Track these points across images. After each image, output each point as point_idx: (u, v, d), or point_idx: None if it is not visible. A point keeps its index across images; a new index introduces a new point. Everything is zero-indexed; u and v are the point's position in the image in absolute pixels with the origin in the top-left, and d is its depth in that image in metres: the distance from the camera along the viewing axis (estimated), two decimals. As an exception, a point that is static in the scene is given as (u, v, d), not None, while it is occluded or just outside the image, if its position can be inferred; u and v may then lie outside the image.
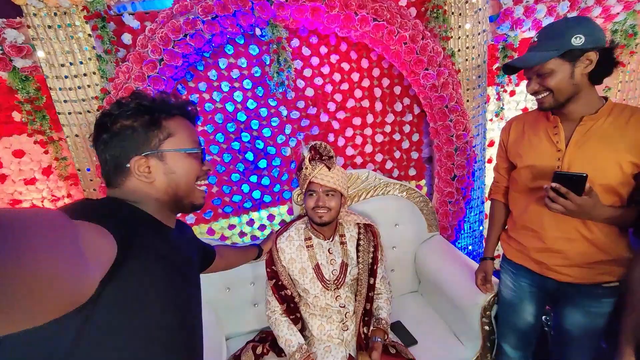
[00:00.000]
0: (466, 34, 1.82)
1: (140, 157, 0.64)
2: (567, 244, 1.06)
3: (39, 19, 1.44)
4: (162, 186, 0.67)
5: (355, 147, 2.06)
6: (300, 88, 1.88)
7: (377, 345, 1.29)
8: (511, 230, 1.25)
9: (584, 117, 0.99)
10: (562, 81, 0.95)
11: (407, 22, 1.62)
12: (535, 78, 0.99)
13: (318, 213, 1.27)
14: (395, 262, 1.74)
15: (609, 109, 0.99)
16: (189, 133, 0.70)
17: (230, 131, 1.87)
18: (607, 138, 0.97)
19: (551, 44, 0.94)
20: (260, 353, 1.42)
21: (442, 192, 1.94)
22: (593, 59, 0.93)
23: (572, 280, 1.08)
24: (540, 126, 1.11)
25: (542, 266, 1.13)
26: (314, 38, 1.82)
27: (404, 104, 2.02)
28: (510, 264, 1.27)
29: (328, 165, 1.27)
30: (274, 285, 1.35)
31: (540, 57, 0.95)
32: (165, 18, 1.48)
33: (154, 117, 0.66)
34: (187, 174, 0.68)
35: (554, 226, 1.07)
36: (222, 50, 1.74)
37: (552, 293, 1.18)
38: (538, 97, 1.01)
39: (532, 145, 1.11)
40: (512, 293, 1.27)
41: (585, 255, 1.04)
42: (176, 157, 0.67)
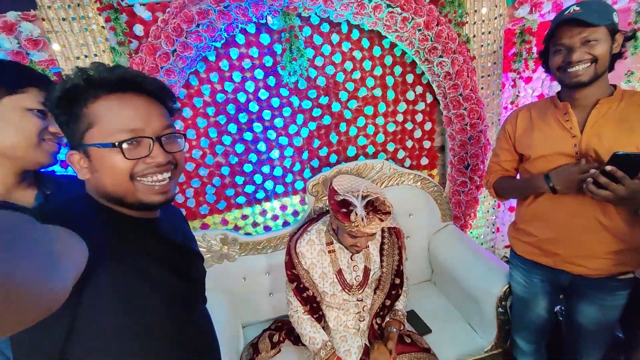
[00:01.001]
0: (482, 18, 1.77)
1: (72, 152, 0.57)
2: (584, 234, 1.03)
3: (53, 12, 1.44)
4: (94, 185, 0.59)
5: (367, 137, 2.04)
6: (312, 77, 1.86)
7: (393, 335, 1.31)
8: (520, 222, 1.21)
9: (601, 100, 0.98)
10: (606, 52, 0.93)
11: (421, 7, 1.58)
12: (580, 47, 0.93)
13: (354, 249, 1.25)
14: (409, 251, 1.73)
15: (620, 94, 0.98)
16: (116, 118, 0.56)
17: (242, 122, 1.87)
18: (625, 121, 0.95)
19: (598, 14, 0.91)
20: (277, 341, 1.45)
21: (455, 182, 1.93)
22: (620, 41, 0.94)
23: (587, 273, 1.06)
24: (549, 114, 1.08)
25: (556, 258, 1.11)
26: (325, 25, 1.79)
27: (417, 92, 1.99)
28: (520, 260, 1.25)
29: (382, 219, 1.14)
30: (296, 288, 1.33)
31: (599, 19, 0.90)
32: (177, 8, 1.47)
33: (70, 106, 0.55)
34: (112, 172, 0.56)
35: (570, 215, 1.04)
36: (233, 40, 1.73)
37: (565, 287, 1.16)
38: (576, 69, 0.95)
39: (544, 135, 1.08)
40: (524, 289, 1.26)
41: (604, 245, 1.02)
42: (98, 153, 0.55)
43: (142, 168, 0.57)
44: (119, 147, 0.54)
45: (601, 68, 0.95)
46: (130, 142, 0.55)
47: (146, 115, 0.58)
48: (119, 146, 0.54)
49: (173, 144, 0.62)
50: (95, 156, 0.56)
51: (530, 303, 1.26)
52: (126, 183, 0.57)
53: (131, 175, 0.56)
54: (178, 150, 0.63)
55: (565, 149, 1.03)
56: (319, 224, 1.39)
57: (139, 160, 0.57)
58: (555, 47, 0.99)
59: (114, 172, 0.56)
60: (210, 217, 2.00)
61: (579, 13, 0.91)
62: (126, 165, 0.55)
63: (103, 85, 0.55)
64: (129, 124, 0.56)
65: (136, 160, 0.56)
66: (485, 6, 1.75)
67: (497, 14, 1.78)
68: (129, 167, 0.56)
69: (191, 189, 1.90)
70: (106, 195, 0.58)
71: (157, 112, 0.60)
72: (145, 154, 0.57)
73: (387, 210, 1.15)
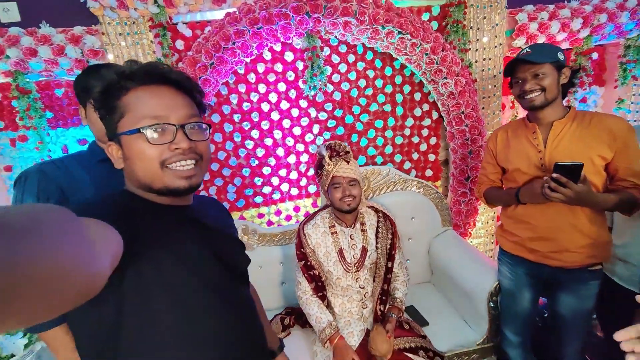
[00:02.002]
0: (483, 46, 1.98)
1: (110, 143, 0.62)
2: (558, 232, 1.23)
3: (112, 27, 1.69)
4: (127, 173, 0.63)
5: (376, 148, 2.23)
6: (329, 92, 2.07)
7: (392, 320, 1.45)
8: (506, 225, 1.41)
9: (554, 122, 1.21)
10: (552, 83, 1.16)
11: (429, 35, 1.80)
12: (530, 79, 1.18)
13: (346, 201, 1.45)
14: (410, 252, 1.89)
15: (573, 115, 1.21)
16: (143, 107, 0.59)
17: (264, 128, 2.08)
18: (576, 138, 1.18)
19: (544, 54, 1.15)
20: (287, 324, 1.60)
21: (456, 192, 2.09)
22: (567, 75, 1.18)
23: (564, 265, 1.24)
24: (521, 133, 1.31)
25: (537, 254, 1.29)
26: (343, 47, 2.02)
27: (424, 109, 2.19)
28: (507, 255, 1.43)
29: (346, 159, 1.45)
30: (304, 265, 1.51)
31: (544, 58, 1.14)
32: (217, 28, 1.71)
33: (105, 100, 0.60)
34: (140, 159, 0.59)
35: (545, 217, 1.24)
36: (261, 56, 1.96)
37: (546, 280, 1.33)
38: (530, 96, 1.19)
39: (518, 150, 1.30)
40: (510, 282, 1.43)
41: (573, 240, 1.21)
42: (127, 140, 0.59)
43: (169, 155, 0.60)
44: (142, 132, 0.58)
45: (551, 95, 1.17)
46: (155, 128, 0.58)
47: (171, 104, 0.61)
48: (142, 131, 0.58)
49: (197, 133, 0.64)
50: (126, 144, 0.60)
51: (516, 295, 1.41)
52: (155, 169, 0.59)
53: (161, 162, 0.60)
54: (202, 140, 0.65)
55: (534, 162, 1.25)
56: (324, 212, 1.59)
57: (165, 147, 0.59)
58: (514, 79, 1.24)
59: (142, 157, 0.59)
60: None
61: (529, 54, 1.16)
62: (153, 151, 0.59)
63: (133, 79, 0.59)
64: (153, 111, 0.59)
65: (162, 147, 0.59)
66: (486, 36, 1.96)
67: (497, 43, 1.99)
68: (156, 154, 0.59)
69: (214, 187, 2.10)
70: (137, 182, 0.62)
71: (182, 102, 0.63)
72: (169, 140, 0.60)
73: (346, 149, 1.46)
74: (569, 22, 1.98)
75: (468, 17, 1.94)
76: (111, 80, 0.59)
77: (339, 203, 1.46)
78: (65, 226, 0.33)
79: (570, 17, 1.98)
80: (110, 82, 0.59)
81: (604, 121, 1.16)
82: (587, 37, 2.05)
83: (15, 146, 1.92)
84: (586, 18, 1.97)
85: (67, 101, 1.90)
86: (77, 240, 0.34)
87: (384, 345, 1.34)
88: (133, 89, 0.59)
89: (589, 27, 2.01)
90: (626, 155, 1.13)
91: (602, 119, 1.18)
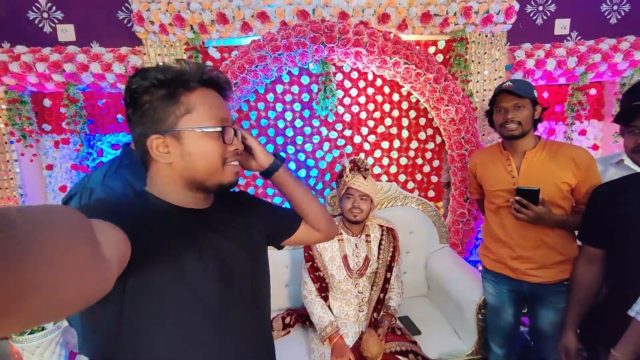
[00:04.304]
0: (484, 78, 2.15)
1: (158, 136, 0.60)
2: (533, 251, 1.35)
3: (153, 49, 1.95)
4: (179, 169, 0.62)
5: (382, 167, 2.39)
6: (340, 113, 2.27)
7: (384, 325, 1.56)
8: (488, 243, 1.53)
9: (527, 152, 1.36)
10: (528, 117, 1.32)
11: (432, 66, 1.99)
12: (512, 110, 1.32)
13: (353, 212, 1.59)
14: (408, 265, 2.00)
15: (542, 145, 1.36)
16: (211, 108, 0.62)
17: (279, 143, 2.27)
18: (545, 166, 1.32)
19: (524, 90, 1.29)
20: (288, 323, 1.72)
21: (456, 212, 2.21)
22: (539, 111, 1.35)
23: (541, 281, 1.35)
24: (497, 159, 1.45)
25: (517, 272, 1.40)
26: (354, 73, 2.22)
27: (428, 133, 2.35)
28: (490, 273, 1.53)
29: (364, 175, 1.61)
30: (311, 267, 1.64)
31: (526, 93, 1.29)
32: (243, 53, 1.94)
33: (171, 92, 0.60)
34: (205, 156, 0.62)
35: (521, 237, 1.37)
36: (280, 78, 2.18)
37: (527, 296, 1.43)
38: (510, 126, 1.32)
39: (494, 175, 1.45)
40: (494, 298, 1.52)
41: (547, 257, 1.33)
42: (194, 137, 0.61)
43: (229, 154, 0.65)
44: (222, 131, 0.63)
45: (526, 127, 1.32)
46: (223, 129, 0.63)
47: (227, 109, 0.67)
48: (223, 130, 0.63)
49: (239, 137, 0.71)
50: (192, 140, 0.60)
51: (499, 310, 1.50)
52: (218, 165, 0.63)
53: (224, 160, 0.64)
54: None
55: (507, 186, 1.38)
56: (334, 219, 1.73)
57: (226, 147, 0.64)
58: (497, 108, 1.38)
59: (208, 155, 0.62)
60: (241, 220, 2.34)
61: (513, 87, 1.29)
62: (220, 149, 0.63)
63: (198, 79, 0.62)
64: (220, 113, 0.63)
65: (226, 146, 0.64)
66: (487, 69, 2.14)
67: (497, 76, 2.16)
68: (222, 151, 0.63)
69: (230, 194, 2.28)
70: (188, 178, 0.63)
71: (229, 108, 0.69)
72: (230, 141, 0.65)
73: (366, 167, 1.61)
74: (565, 60, 2.14)
75: (470, 51, 2.13)
76: (181, 72, 0.60)
77: (347, 212, 1.61)
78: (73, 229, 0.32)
79: (566, 56, 2.14)
80: (179, 73, 0.60)
81: (568, 151, 1.31)
82: (583, 75, 2.20)
83: (58, 147, 2.16)
84: (581, 57, 2.12)
85: (106, 110, 2.15)
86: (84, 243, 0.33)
87: (375, 347, 1.44)
88: (198, 88, 0.62)
89: (584, 65, 2.16)
90: (588, 181, 1.27)
91: (567, 149, 1.32)
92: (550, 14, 2.38)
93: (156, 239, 0.56)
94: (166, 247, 0.58)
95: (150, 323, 0.56)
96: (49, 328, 1.48)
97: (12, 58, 1.85)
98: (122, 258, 0.46)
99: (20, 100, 1.98)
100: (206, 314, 0.61)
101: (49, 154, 2.18)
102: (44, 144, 2.17)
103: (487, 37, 2.12)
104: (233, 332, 0.66)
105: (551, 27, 2.38)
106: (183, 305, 0.59)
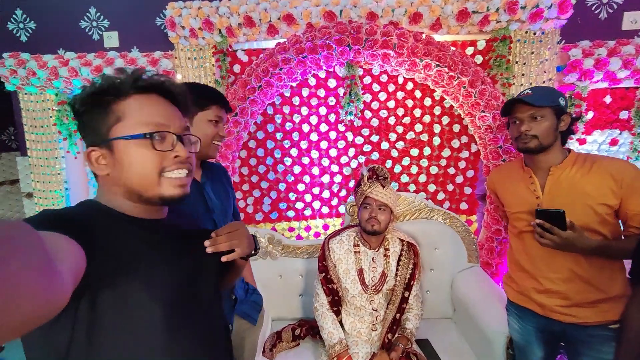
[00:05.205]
0: (530, 82, 1.92)
1: (93, 149, 0.59)
2: (564, 284, 1.13)
3: (183, 53, 2.01)
4: (116, 180, 0.60)
5: (410, 176, 2.25)
6: (367, 118, 2.17)
7: (398, 349, 1.44)
8: (512, 272, 1.33)
9: (552, 168, 1.14)
10: (549, 128, 1.12)
11: (467, 68, 1.81)
12: (528, 121, 1.13)
13: (371, 222, 1.49)
14: (431, 284, 1.85)
15: (573, 159, 1.13)
16: (142, 114, 0.58)
17: (303, 148, 2.23)
18: (575, 184, 1.10)
19: (545, 97, 1.11)
20: (298, 334, 1.67)
21: (490, 229, 2.00)
22: (567, 122, 1.14)
23: (577, 321, 1.12)
24: (518, 177, 1.26)
25: (545, 308, 1.19)
26: (384, 76, 2.11)
27: (462, 141, 2.16)
28: (514, 306, 1.33)
29: (383, 184, 1.50)
30: (324, 278, 1.57)
31: (544, 101, 1.10)
32: (267, 56, 1.93)
33: (101, 101, 0.58)
34: (137, 165, 0.58)
35: (547, 267, 1.16)
36: (306, 81, 2.14)
37: (562, 337, 1.21)
38: (524, 139, 1.14)
39: (515, 194, 1.26)
40: (519, 336, 1.32)
41: (583, 294, 1.10)
42: (123, 146, 0.57)
43: (168, 163, 0.60)
44: (150, 137, 0.57)
45: (545, 141, 1.12)
46: (157, 136, 0.58)
47: (170, 114, 0.62)
48: (150, 137, 0.57)
49: (190, 145, 0.67)
50: (122, 149, 0.57)
51: (526, 351, 1.29)
52: (153, 176, 0.59)
53: (160, 170, 0.59)
54: (195, 152, 0.67)
55: (529, 208, 1.19)
56: (351, 230, 1.65)
57: (165, 155, 0.59)
58: (512, 119, 1.20)
59: (141, 164, 0.58)
60: (262, 224, 2.34)
61: (530, 96, 1.11)
62: (154, 157, 0.58)
63: (134, 86, 0.59)
64: (156, 119, 0.59)
65: (162, 155, 0.59)
66: (533, 71, 1.91)
67: (546, 78, 1.92)
68: (156, 161, 0.58)
69: (252, 197, 2.28)
70: (124, 189, 0.60)
71: (178, 114, 0.64)
72: (169, 148, 0.60)
73: (385, 175, 1.50)
74: (634, 59, 1.84)
75: (513, 51, 1.91)
76: (111, 84, 0.58)
77: (365, 223, 1.51)
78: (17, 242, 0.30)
79: (635, 54, 1.84)
80: (109, 85, 0.58)
81: (606, 167, 1.08)
82: (655, 76, 1.88)
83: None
84: (653, 57, 1.81)
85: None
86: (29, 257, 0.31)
87: (385, 371, 1.33)
88: (133, 95, 0.59)
89: (655, 66, 1.84)
90: (636, 200, 1.04)
91: (603, 163, 1.10)
92: (617, 7, 2.07)
93: (111, 249, 0.55)
94: (127, 261, 0.56)
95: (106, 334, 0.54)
96: None
97: (62, 63, 2.01)
98: (77, 271, 0.45)
99: (68, 102, 2.15)
100: (163, 322, 0.59)
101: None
102: (88, 143, 2.34)
103: (535, 35, 1.89)
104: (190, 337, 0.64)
105: (618, 22, 2.08)
106: (139, 315, 0.57)
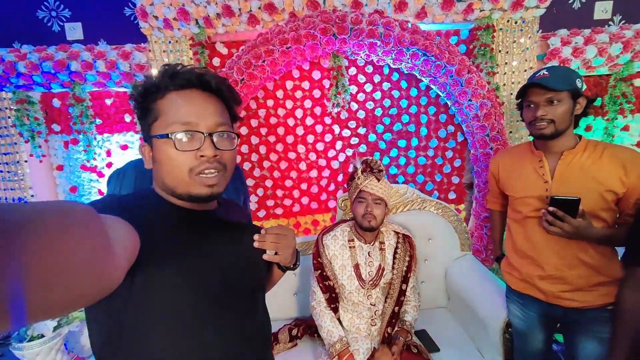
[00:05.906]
0: (512, 70, 1.95)
1: (142, 144, 0.64)
2: (567, 270, 1.13)
3: (157, 45, 1.88)
4: (157, 174, 0.64)
5: (398, 167, 2.24)
6: (353, 110, 2.13)
7: (398, 342, 1.42)
8: (512, 259, 1.31)
9: (564, 152, 1.13)
10: (565, 113, 1.09)
11: (454, 57, 1.81)
12: (544, 105, 1.10)
13: (367, 218, 1.45)
14: (426, 274, 1.85)
15: (584, 145, 1.12)
16: (173, 113, 0.60)
17: (289, 142, 2.16)
18: (586, 170, 1.09)
19: (562, 80, 1.07)
20: (295, 335, 1.61)
21: (479, 217, 2.03)
22: (583, 105, 1.10)
23: (578, 305, 1.14)
24: (526, 160, 1.23)
25: (548, 294, 1.19)
26: (369, 67, 2.07)
27: (449, 131, 2.17)
28: (516, 294, 1.33)
29: (377, 177, 1.45)
30: (319, 275, 1.52)
31: (563, 85, 1.07)
32: (249, 47, 1.84)
33: (141, 103, 0.62)
34: (166, 164, 0.60)
35: (554, 254, 1.15)
36: (290, 73, 2.07)
37: (561, 321, 1.23)
38: (540, 124, 1.11)
39: (522, 178, 1.23)
40: (521, 322, 1.32)
41: (586, 279, 1.12)
42: (157, 144, 0.60)
43: (197, 163, 0.60)
44: (170, 137, 0.58)
45: (561, 126, 1.10)
46: (184, 135, 0.59)
47: (202, 111, 0.61)
48: (170, 137, 0.58)
49: (225, 142, 0.64)
50: (156, 147, 0.61)
51: (527, 336, 1.31)
52: (182, 175, 0.60)
53: (190, 170, 0.60)
54: (229, 149, 0.64)
55: (538, 192, 1.17)
56: (344, 225, 1.60)
57: (192, 155, 0.59)
58: (526, 103, 1.16)
59: (169, 162, 0.59)
60: (250, 222, 2.26)
61: (546, 78, 1.08)
62: (180, 157, 0.59)
63: (172, 83, 0.60)
64: (184, 118, 0.59)
65: (189, 154, 0.59)
66: (515, 60, 1.94)
67: (528, 66, 1.96)
68: (183, 160, 0.59)
69: (238, 196, 2.19)
70: (162, 185, 0.63)
71: (213, 109, 0.63)
72: (195, 147, 0.59)
73: (379, 167, 1.44)
74: (607, 47, 1.90)
75: (497, 40, 1.93)
76: (151, 83, 0.61)
77: (360, 219, 1.47)
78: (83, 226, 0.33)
79: (609, 42, 1.91)
80: (149, 84, 0.61)
81: (618, 154, 1.08)
82: (628, 63, 1.96)
83: (68, 148, 2.14)
84: (626, 43, 1.89)
85: (114, 110, 2.11)
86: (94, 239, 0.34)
87: (388, 366, 1.31)
88: (169, 93, 0.60)
89: (630, 52, 1.92)
90: (639, 190, 1.05)
91: (615, 151, 1.09)
92: (589, -3, 2.14)
93: (162, 235, 0.59)
94: (170, 244, 0.60)
95: (151, 317, 0.57)
96: (48, 335, 1.45)
97: (19, 57, 1.83)
98: (132, 253, 0.48)
99: (28, 100, 1.96)
100: (205, 309, 0.62)
101: (58, 154, 2.17)
102: (53, 145, 2.16)
103: (516, 23, 1.91)
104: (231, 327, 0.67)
105: (590, 11, 2.14)
106: (184, 300, 0.60)
